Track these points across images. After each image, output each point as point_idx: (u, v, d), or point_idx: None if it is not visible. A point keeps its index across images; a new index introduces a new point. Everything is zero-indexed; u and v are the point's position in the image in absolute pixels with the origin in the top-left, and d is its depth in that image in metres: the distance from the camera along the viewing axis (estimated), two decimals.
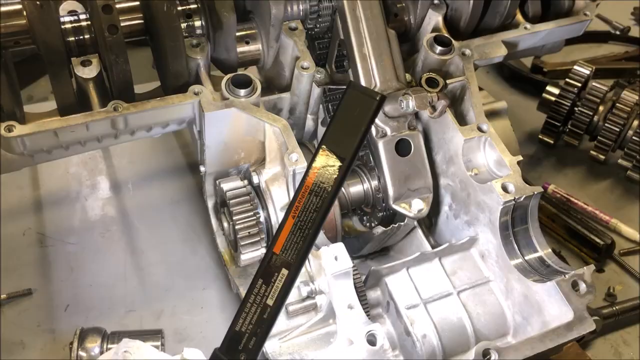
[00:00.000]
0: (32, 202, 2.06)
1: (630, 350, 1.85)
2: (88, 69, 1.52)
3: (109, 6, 1.45)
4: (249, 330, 1.13)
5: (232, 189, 1.61)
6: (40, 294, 1.82)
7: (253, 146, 1.68)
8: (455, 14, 1.86)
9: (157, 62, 1.64)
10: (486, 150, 1.65)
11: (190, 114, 1.60)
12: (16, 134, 1.42)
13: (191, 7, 1.63)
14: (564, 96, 2.23)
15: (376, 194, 1.70)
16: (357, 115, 1.17)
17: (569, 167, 2.37)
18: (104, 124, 1.52)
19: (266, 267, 1.16)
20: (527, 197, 1.54)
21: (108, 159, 2.22)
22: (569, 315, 1.44)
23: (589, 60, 2.54)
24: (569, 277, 1.47)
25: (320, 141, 1.18)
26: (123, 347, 1.23)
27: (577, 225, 2.08)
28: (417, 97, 1.55)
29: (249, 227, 1.57)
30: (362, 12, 1.66)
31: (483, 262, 1.65)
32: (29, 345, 1.72)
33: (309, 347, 1.50)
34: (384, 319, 1.60)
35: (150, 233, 2.00)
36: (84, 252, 1.94)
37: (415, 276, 1.60)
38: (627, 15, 3.07)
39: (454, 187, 1.70)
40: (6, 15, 1.46)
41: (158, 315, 1.80)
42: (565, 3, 2.01)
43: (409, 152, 1.65)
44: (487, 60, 1.84)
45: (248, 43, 1.71)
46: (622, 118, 2.15)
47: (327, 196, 1.15)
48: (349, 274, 1.43)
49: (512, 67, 2.68)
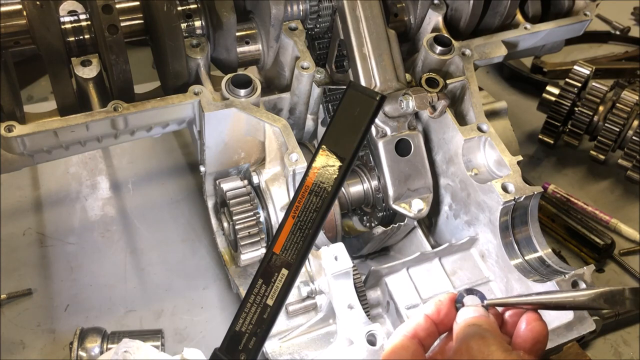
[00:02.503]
0: (32, 202, 2.06)
1: (630, 350, 1.85)
2: (88, 69, 1.52)
3: (109, 6, 1.45)
4: (249, 330, 1.13)
5: (232, 189, 1.61)
6: (40, 294, 1.82)
7: (253, 146, 1.68)
8: (455, 14, 1.86)
9: (157, 62, 1.64)
10: (486, 150, 1.66)
11: (190, 114, 1.61)
12: (16, 134, 1.42)
13: (191, 7, 1.63)
14: (564, 96, 2.23)
15: (376, 194, 1.70)
16: (357, 115, 1.17)
17: (569, 167, 2.37)
18: (104, 124, 1.51)
19: (266, 267, 1.16)
20: (527, 197, 1.54)
21: (108, 159, 2.22)
22: (569, 315, 1.44)
23: (589, 60, 2.54)
24: (569, 277, 1.47)
25: (320, 141, 1.18)
26: (123, 347, 1.23)
27: (577, 225, 2.08)
28: (417, 97, 1.55)
29: (249, 227, 1.57)
30: (362, 12, 1.66)
31: (483, 262, 1.65)
32: (29, 345, 1.72)
33: (309, 347, 1.50)
34: (384, 319, 1.61)
35: (150, 233, 2.00)
36: (84, 252, 1.94)
37: (415, 276, 1.60)
38: (627, 15, 3.08)
39: (454, 187, 1.70)
40: (6, 15, 1.46)
41: (158, 315, 1.80)
42: (565, 3, 2.02)
43: (409, 152, 1.65)
44: (487, 60, 1.84)
45: (248, 43, 1.71)
46: (622, 118, 2.15)
47: (327, 196, 1.15)
48: (349, 274, 1.43)
49: (512, 67, 2.68)
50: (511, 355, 1.03)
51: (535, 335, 1.09)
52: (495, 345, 1.04)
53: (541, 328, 1.10)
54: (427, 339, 1.14)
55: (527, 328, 1.10)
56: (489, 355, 1.03)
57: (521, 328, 1.11)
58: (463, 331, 1.10)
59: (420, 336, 1.14)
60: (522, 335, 1.10)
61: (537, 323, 1.10)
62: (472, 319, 1.12)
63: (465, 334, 1.09)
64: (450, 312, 1.16)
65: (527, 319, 1.11)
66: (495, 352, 1.03)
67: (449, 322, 1.16)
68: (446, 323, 1.16)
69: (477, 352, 1.04)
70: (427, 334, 1.14)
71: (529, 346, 1.09)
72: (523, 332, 1.10)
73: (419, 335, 1.14)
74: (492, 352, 1.03)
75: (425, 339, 1.14)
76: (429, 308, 1.17)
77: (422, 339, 1.14)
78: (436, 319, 1.15)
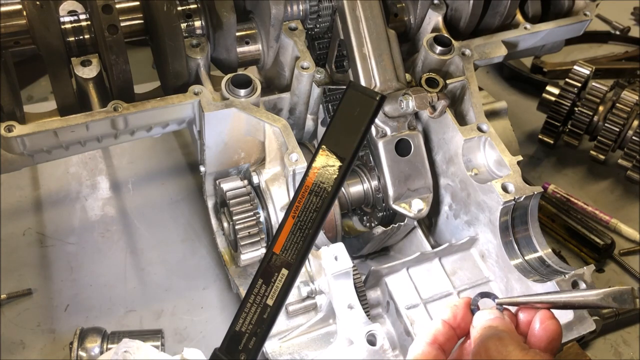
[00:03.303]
0: (32, 202, 2.06)
1: (630, 350, 1.85)
2: (88, 69, 1.52)
3: (109, 6, 1.45)
4: (249, 330, 1.13)
5: (232, 189, 1.61)
6: (40, 294, 1.82)
7: (253, 146, 1.68)
8: (455, 14, 1.86)
9: (157, 62, 1.64)
10: (486, 150, 1.65)
11: (190, 114, 1.60)
12: (16, 134, 1.42)
13: (191, 7, 1.63)
14: (564, 96, 2.23)
15: (376, 194, 1.70)
16: (357, 115, 1.17)
17: (569, 167, 2.37)
18: (104, 124, 1.51)
19: (266, 267, 1.16)
20: (527, 197, 1.54)
21: (108, 159, 2.22)
22: (569, 315, 1.44)
23: (589, 60, 2.55)
24: (569, 277, 1.47)
25: (320, 141, 1.18)
26: (123, 347, 1.23)
27: (577, 225, 2.08)
28: (417, 97, 1.55)
29: (249, 227, 1.57)
30: (362, 12, 1.66)
31: (483, 262, 1.65)
32: (29, 345, 1.72)
33: (309, 347, 1.50)
34: (384, 319, 1.60)
35: (150, 233, 2.00)
36: (84, 252, 1.94)
37: (415, 276, 1.60)
38: (627, 15, 3.08)
39: (454, 187, 1.70)
40: (6, 15, 1.46)
41: (158, 315, 1.80)
42: (565, 3, 2.02)
43: (409, 152, 1.65)
44: (487, 60, 1.84)
45: (248, 43, 1.71)
46: (622, 118, 2.15)
47: (327, 196, 1.15)
48: (349, 274, 1.43)
49: (512, 67, 2.68)
50: (528, 354, 1.05)
51: (549, 334, 1.11)
52: (512, 345, 1.06)
53: (555, 327, 1.12)
54: (446, 344, 1.16)
55: (542, 327, 1.12)
56: (507, 355, 1.05)
57: (535, 327, 1.13)
58: (480, 334, 1.12)
59: (440, 341, 1.16)
60: (537, 334, 1.12)
61: (551, 322, 1.12)
62: (488, 321, 1.14)
63: (482, 336, 1.11)
64: (466, 316, 1.18)
65: (541, 318, 1.13)
66: (513, 352, 1.05)
67: (465, 326, 1.18)
68: (463, 327, 1.18)
69: (496, 352, 1.06)
70: (446, 339, 1.16)
71: (544, 345, 1.11)
72: (538, 331, 1.12)
73: (438, 340, 1.16)
74: (510, 352, 1.05)
75: (445, 344, 1.16)
76: (445, 313, 1.19)
77: (442, 344, 1.16)
78: (453, 323, 1.18)
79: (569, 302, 1.13)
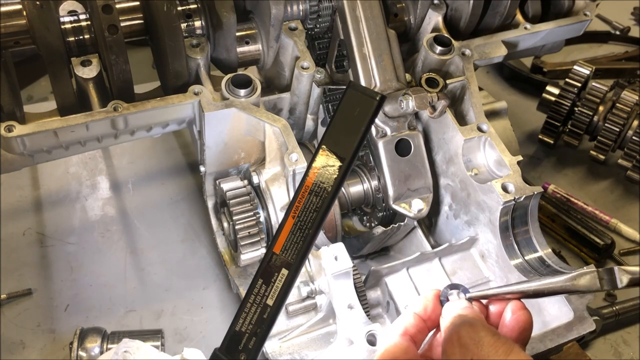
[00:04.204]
0: (32, 202, 2.06)
1: (630, 350, 1.85)
2: (88, 69, 1.52)
3: (109, 6, 1.45)
4: (249, 330, 1.13)
5: (232, 189, 1.61)
6: (40, 294, 1.82)
7: (253, 146, 1.68)
8: (455, 14, 1.86)
9: (157, 62, 1.64)
10: (486, 150, 1.65)
11: (190, 114, 1.60)
12: (16, 134, 1.42)
13: (191, 7, 1.63)
14: (564, 96, 2.23)
15: (376, 194, 1.70)
16: (357, 115, 1.17)
17: (569, 167, 2.37)
18: (104, 124, 1.51)
19: (266, 267, 1.16)
20: (527, 197, 1.54)
21: (108, 159, 2.22)
22: (569, 315, 1.44)
23: (589, 60, 2.55)
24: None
25: (320, 141, 1.18)
26: (123, 347, 1.23)
27: (577, 225, 2.08)
28: (417, 97, 1.55)
29: (249, 227, 1.57)
30: (362, 12, 1.66)
31: (483, 262, 1.65)
32: (29, 345, 1.72)
33: (309, 347, 1.50)
34: (384, 319, 1.60)
35: (150, 233, 2.00)
36: (84, 252, 1.94)
37: (415, 276, 1.60)
38: (627, 15, 3.08)
39: (454, 187, 1.70)
40: (6, 15, 1.46)
41: (158, 315, 1.80)
42: (565, 3, 2.02)
43: (409, 152, 1.65)
44: (487, 60, 1.84)
45: (248, 43, 1.71)
46: (622, 118, 2.15)
47: (327, 196, 1.15)
48: (349, 274, 1.43)
49: (512, 67, 2.68)
50: (500, 339, 1.04)
51: (521, 324, 1.12)
52: (484, 331, 1.06)
53: (526, 317, 1.12)
54: (417, 335, 1.17)
55: (513, 317, 1.12)
56: (479, 340, 1.04)
57: (507, 318, 1.13)
58: (451, 322, 1.12)
59: (411, 332, 1.16)
60: (509, 325, 1.12)
61: (522, 312, 1.12)
62: (458, 310, 1.14)
63: (453, 324, 1.11)
64: (436, 307, 1.19)
65: (513, 309, 1.13)
66: (485, 337, 1.04)
67: (436, 317, 1.18)
68: (434, 319, 1.18)
69: (468, 338, 1.06)
70: (417, 330, 1.17)
71: (515, 335, 1.11)
72: (509, 322, 1.12)
73: (409, 332, 1.16)
74: (482, 338, 1.04)
75: (416, 336, 1.17)
76: (416, 306, 1.20)
77: (412, 335, 1.16)
78: (424, 315, 1.18)
79: (539, 289, 1.13)
